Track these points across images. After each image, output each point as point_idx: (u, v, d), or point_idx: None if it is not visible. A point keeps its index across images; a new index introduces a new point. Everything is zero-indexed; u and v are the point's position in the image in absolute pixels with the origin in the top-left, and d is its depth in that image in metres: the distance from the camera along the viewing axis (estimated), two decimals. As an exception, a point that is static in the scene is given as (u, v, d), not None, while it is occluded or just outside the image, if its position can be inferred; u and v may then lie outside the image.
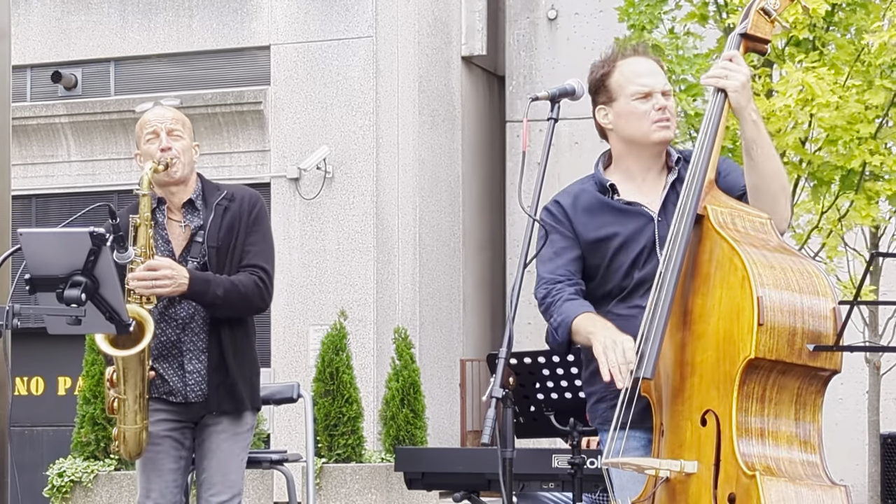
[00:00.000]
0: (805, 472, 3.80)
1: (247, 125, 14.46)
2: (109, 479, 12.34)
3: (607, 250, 4.15)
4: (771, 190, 4.04)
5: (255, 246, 5.22)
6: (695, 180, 3.98)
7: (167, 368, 5.18)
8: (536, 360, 5.69)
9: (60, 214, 14.68)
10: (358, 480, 12.30)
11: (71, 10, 15.04)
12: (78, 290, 4.29)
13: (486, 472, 6.07)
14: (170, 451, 5.20)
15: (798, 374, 3.81)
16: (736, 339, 3.76)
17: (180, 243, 5.21)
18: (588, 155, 12.61)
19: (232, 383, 5.17)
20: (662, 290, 3.88)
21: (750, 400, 3.77)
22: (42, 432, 14.76)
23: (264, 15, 14.47)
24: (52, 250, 4.32)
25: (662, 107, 4.14)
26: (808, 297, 3.80)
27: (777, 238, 3.96)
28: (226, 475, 5.20)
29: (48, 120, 14.96)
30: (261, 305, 5.22)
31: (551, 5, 15.37)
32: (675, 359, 3.92)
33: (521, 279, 3.98)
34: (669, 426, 3.92)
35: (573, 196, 4.23)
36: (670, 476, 3.85)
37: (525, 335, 14.04)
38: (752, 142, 4.03)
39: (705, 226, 3.92)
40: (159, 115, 5.23)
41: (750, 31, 4.11)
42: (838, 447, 12.97)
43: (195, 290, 5.06)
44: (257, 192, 5.38)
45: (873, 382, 10.00)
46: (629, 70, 4.19)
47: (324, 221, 14.13)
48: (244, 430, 5.27)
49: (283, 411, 13.28)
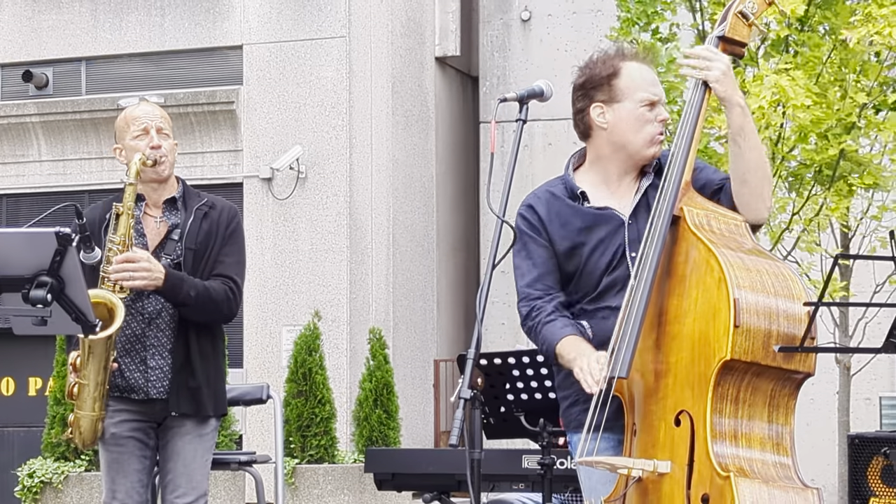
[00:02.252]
0: (778, 474, 3.82)
1: (219, 125, 14.45)
2: (80, 479, 12.36)
3: (580, 257, 4.14)
4: (756, 179, 4.04)
5: (230, 258, 5.26)
6: (671, 181, 3.99)
7: (129, 364, 5.18)
8: (507, 361, 5.72)
9: (31, 214, 14.65)
10: (331, 481, 12.33)
11: (42, 9, 15.01)
12: (43, 290, 4.24)
13: (457, 473, 6.11)
14: (134, 451, 5.21)
15: (772, 377, 3.83)
16: (711, 341, 3.78)
17: (154, 238, 5.23)
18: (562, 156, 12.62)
19: (196, 387, 5.18)
20: (638, 290, 3.89)
21: (724, 401, 3.79)
22: (13, 433, 14.75)
23: (237, 14, 14.47)
24: (18, 250, 4.27)
25: (664, 119, 4.16)
26: (783, 301, 3.83)
27: (752, 240, 3.98)
28: (190, 476, 5.21)
29: (19, 119, 14.93)
30: (227, 315, 5.24)
31: (524, 6, 15.40)
32: (649, 359, 3.93)
33: (490, 281, 4.00)
34: (642, 426, 3.94)
35: (545, 202, 4.21)
36: (643, 476, 3.86)
37: (499, 335, 14.08)
38: (740, 129, 4.03)
39: (682, 227, 3.94)
40: (149, 112, 5.26)
41: (728, 35, 4.10)
42: (810, 448, 13.06)
43: (170, 286, 5.08)
44: (236, 207, 5.43)
45: (844, 383, 10.02)
46: (639, 75, 4.16)
47: (297, 221, 14.13)
48: (208, 431, 5.27)
49: (255, 412, 13.31)
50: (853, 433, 9.16)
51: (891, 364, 13.14)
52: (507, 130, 12.97)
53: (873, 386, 13.50)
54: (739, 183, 4.04)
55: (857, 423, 10.99)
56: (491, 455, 5.01)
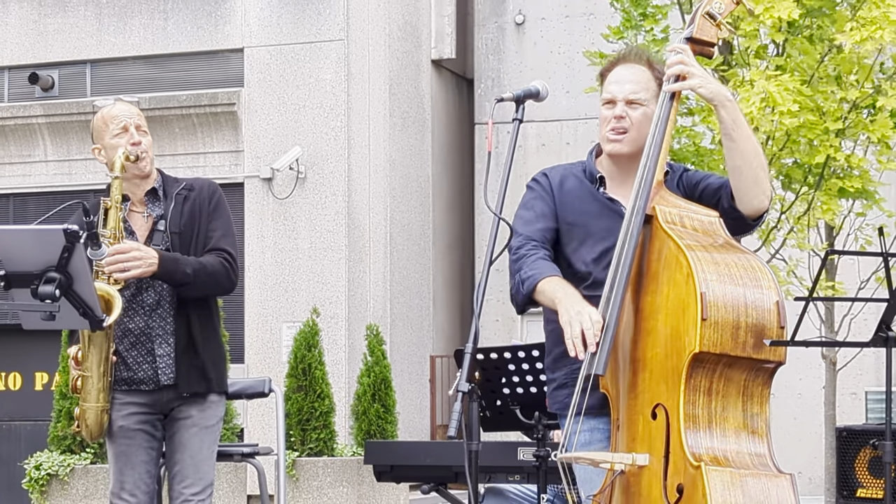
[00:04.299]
0: (752, 462, 3.85)
1: (220, 126, 14.53)
2: (86, 472, 12.28)
3: (578, 235, 4.20)
4: (752, 167, 4.06)
5: (218, 231, 5.25)
6: (644, 181, 4.02)
7: (137, 356, 5.18)
8: (503, 356, 5.71)
9: (37, 213, 14.65)
10: (330, 474, 12.35)
11: (48, 12, 15.06)
12: (52, 286, 4.34)
13: (454, 465, 6.15)
14: (142, 443, 5.22)
15: (744, 367, 3.86)
16: (682, 334, 3.81)
17: (143, 234, 5.22)
18: (555, 157, 12.87)
19: (201, 365, 5.21)
20: (614, 287, 3.93)
21: (697, 393, 3.82)
22: (20, 426, 14.74)
23: (238, 18, 14.51)
24: (27, 247, 4.36)
25: (617, 116, 4.16)
26: (751, 291, 3.85)
27: (725, 235, 4.00)
28: (198, 467, 5.21)
29: (25, 120, 14.98)
30: (228, 285, 5.24)
31: (519, 10, 15.47)
32: (628, 355, 3.97)
33: (487, 277, 4.01)
34: (624, 420, 3.98)
35: (560, 176, 4.27)
36: (625, 469, 3.92)
37: (493, 332, 14.21)
38: (733, 122, 4.06)
39: (654, 225, 3.97)
40: (126, 110, 5.26)
41: (696, 35, 4.14)
42: (797, 441, 13.20)
43: (165, 269, 5.06)
44: (215, 182, 5.45)
45: (830, 377, 10.11)
46: (609, 78, 4.23)
47: (296, 221, 14.20)
48: (213, 422, 5.31)
49: (256, 406, 13.32)
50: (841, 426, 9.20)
51: (876, 359, 13.11)
52: (502, 131, 13.16)
53: (859, 381, 13.55)
54: (737, 176, 4.07)
55: (843, 417, 11.05)
56: (487, 447, 5.01)
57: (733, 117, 4.08)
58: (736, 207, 4.11)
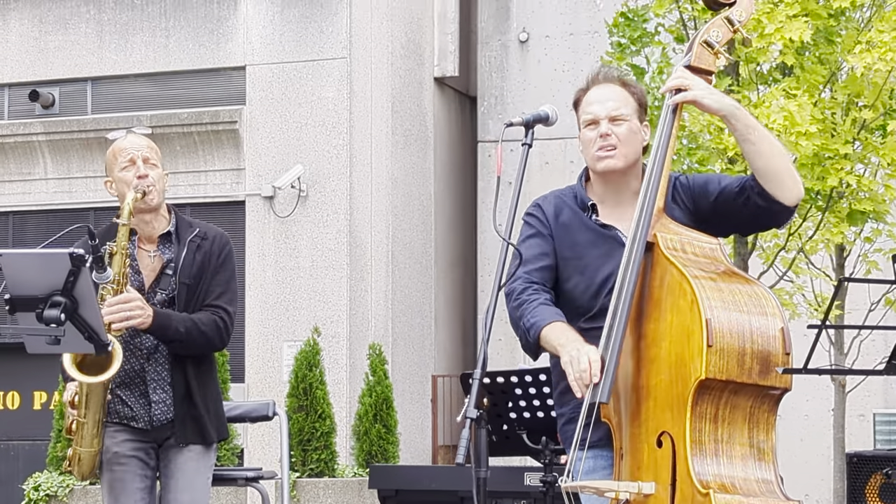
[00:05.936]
0: (760, 489, 3.85)
1: (222, 144, 14.51)
2: (84, 492, 12.30)
3: (576, 268, 4.19)
4: (779, 162, 4.09)
5: (220, 287, 5.26)
6: (645, 208, 4.03)
7: (130, 396, 5.21)
8: (509, 380, 5.74)
9: (37, 231, 14.71)
10: (331, 495, 12.31)
11: (49, 29, 15.06)
12: (57, 310, 4.34)
13: (459, 490, 6.16)
14: (136, 470, 5.22)
15: (749, 394, 3.87)
16: (687, 361, 3.82)
17: (150, 274, 5.23)
18: (558, 175, 12.83)
19: (198, 416, 5.22)
20: (616, 315, 3.93)
21: (703, 420, 3.83)
22: (18, 446, 14.70)
23: (240, 36, 14.52)
24: (32, 271, 4.36)
25: (603, 134, 4.17)
26: (755, 318, 3.86)
27: (726, 262, 4.03)
28: (193, 494, 5.22)
29: (25, 138, 14.97)
30: (219, 344, 5.25)
31: (522, 28, 15.47)
32: (631, 383, 3.98)
33: (496, 302, 4.02)
34: (629, 449, 3.98)
35: (554, 207, 4.27)
36: (630, 498, 3.91)
37: (496, 351, 14.14)
38: (746, 127, 4.09)
39: (656, 252, 3.98)
40: (135, 143, 5.26)
41: (693, 64, 4.17)
42: (804, 463, 13.17)
43: (158, 325, 5.08)
44: (227, 234, 5.45)
45: (839, 400, 10.09)
46: (586, 98, 4.26)
47: (298, 239, 14.18)
48: (208, 448, 5.31)
49: (257, 426, 13.26)
50: (851, 452, 9.19)
51: (884, 381, 13.12)
52: (506, 149, 13.10)
53: (867, 403, 13.52)
54: (766, 176, 4.09)
55: (851, 439, 11.01)
56: (494, 472, 4.97)
57: (745, 122, 4.09)
58: (776, 199, 4.09)
